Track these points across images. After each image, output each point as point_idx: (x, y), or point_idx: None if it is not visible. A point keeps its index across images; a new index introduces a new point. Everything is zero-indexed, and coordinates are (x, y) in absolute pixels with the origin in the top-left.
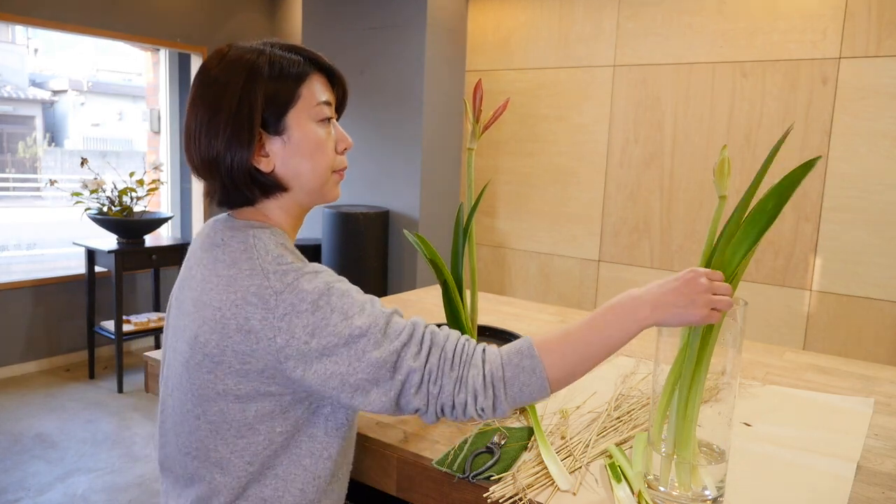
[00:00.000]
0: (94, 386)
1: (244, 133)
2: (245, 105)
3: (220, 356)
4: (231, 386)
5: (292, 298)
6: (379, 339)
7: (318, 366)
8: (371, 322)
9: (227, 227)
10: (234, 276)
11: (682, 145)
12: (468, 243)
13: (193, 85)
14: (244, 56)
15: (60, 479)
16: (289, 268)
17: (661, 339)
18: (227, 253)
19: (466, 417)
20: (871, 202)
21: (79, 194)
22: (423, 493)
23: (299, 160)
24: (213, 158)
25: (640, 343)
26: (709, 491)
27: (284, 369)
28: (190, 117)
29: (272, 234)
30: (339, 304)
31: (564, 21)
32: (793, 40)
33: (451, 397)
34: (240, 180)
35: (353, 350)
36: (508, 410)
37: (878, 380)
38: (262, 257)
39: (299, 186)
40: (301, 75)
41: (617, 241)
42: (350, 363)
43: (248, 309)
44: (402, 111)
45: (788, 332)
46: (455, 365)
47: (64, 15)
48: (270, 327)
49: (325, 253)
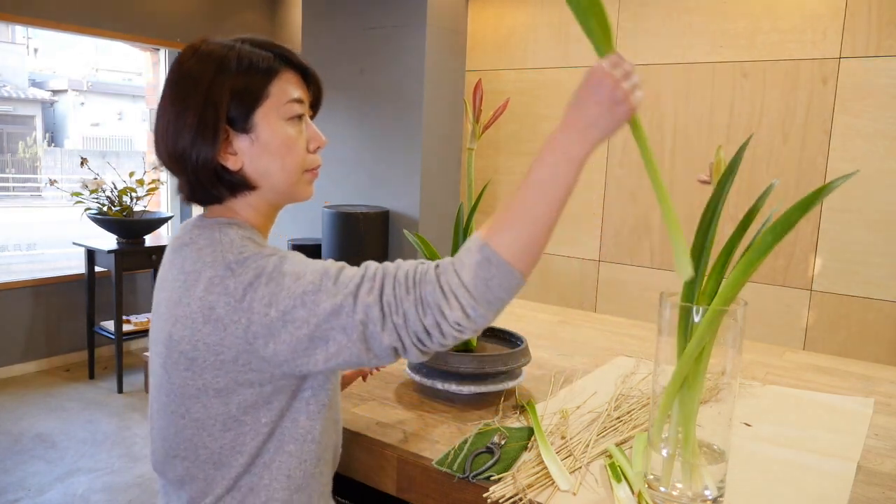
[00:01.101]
0: (94, 386)
1: (209, 130)
2: (210, 101)
3: (194, 352)
4: (209, 380)
5: (249, 277)
6: (331, 289)
7: (284, 334)
8: (322, 275)
9: (196, 225)
10: (199, 271)
11: (682, 145)
12: None
13: (166, 79)
14: (214, 51)
15: (60, 479)
16: (248, 252)
17: (661, 339)
18: (193, 250)
19: (448, 340)
20: (871, 202)
21: (79, 194)
22: (423, 493)
23: (268, 159)
24: (179, 154)
25: (640, 343)
26: (709, 491)
27: (255, 350)
28: (160, 112)
29: (239, 229)
30: (290, 270)
31: (564, 21)
32: (793, 40)
33: (419, 321)
34: (205, 178)
35: (310, 306)
36: (489, 314)
37: (878, 380)
38: (225, 249)
39: (268, 186)
40: (270, 71)
41: (617, 241)
42: (309, 319)
43: (212, 298)
44: (402, 111)
45: (788, 332)
46: (410, 288)
47: (64, 15)
48: (234, 311)
49: (325, 253)
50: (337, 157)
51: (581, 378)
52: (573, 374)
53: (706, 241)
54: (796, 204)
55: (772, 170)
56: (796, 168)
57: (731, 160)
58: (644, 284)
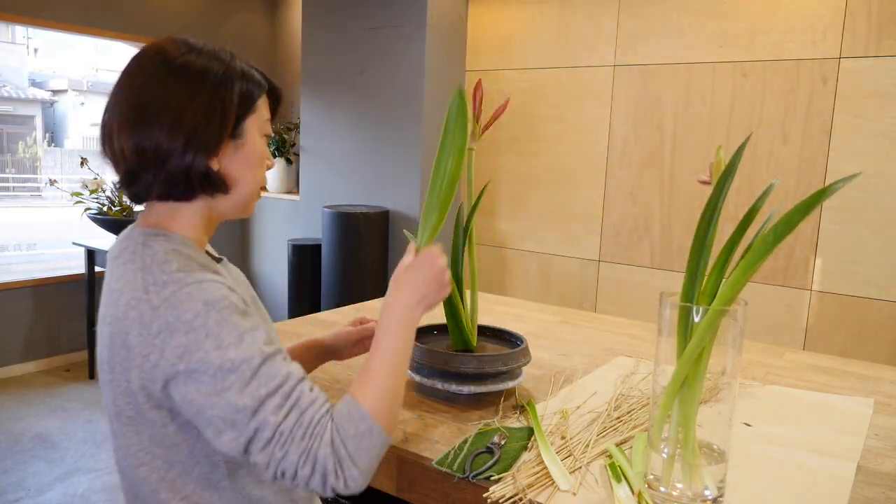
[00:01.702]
0: (94, 386)
1: (213, 130)
2: (219, 101)
3: (111, 373)
4: (122, 406)
5: (167, 316)
6: (247, 380)
7: (183, 388)
8: (244, 358)
9: (125, 236)
10: (121, 290)
11: (682, 145)
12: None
13: (136, 71)
14: (218, 52)
15: (60, 479)
16: (169, 279)
17: (661, 339)
18: (118, 265)
19: (309, 488)
20: (871, 202)
21: (79, 194)
22: (423, 493)
23: (243, 167)
24: (160, 150)
25: (640, 343)
26: (709, 491)
27: (154, 389)
28: (125, 103)
29: (166, 240)
30: (214, 329)
31: (564, 21)
32: (793, 40)
33: (295, 467)
34: (194, 175)
35: (218, 385)
36: (364, 483)
37: (878, 380)
38: (146, 268)
39: (235, 192)
40: (260, 86)
41: (617, 241)
42: (210, 397)
43: (127, 324)
44: (402, 111)
45: (788, 332)
46: (307, 435)
47: (64, 15)
48: (145, 344)
49: (325, 253)
50: (337, 157)
51: (581, 378)
52: (573, 374)
53: (706, 241)
54: (797, 205)
55: (772, 170)
56: (796, 168)
57: (730, 160)
58: (644, 284)
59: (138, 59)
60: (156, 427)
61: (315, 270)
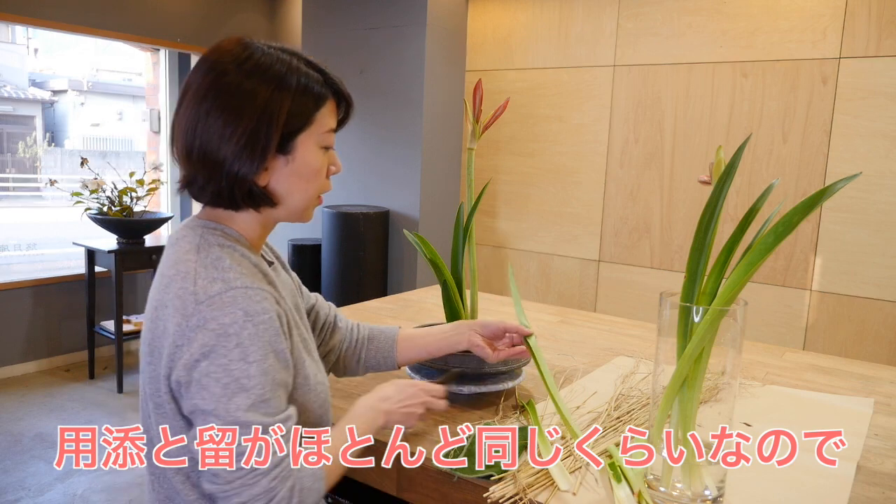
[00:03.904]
0: (94, 386)
1: (258, 148)
2: (265, 120)
3: (150, 356)
4: (151, 392)
5: (207, 313)
6: (256, 403)
7: (193, 389)
8: (260, 382)
9: (186, 225)
10: (172, 277)
11: (682, 145)
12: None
13: (206, 79)
14: (272, 65)
15: (60, 479)
16: (218, 276)
17: (660, 339)
18: (175, 252)
19: None
20: (871, 202)
21: (79, 194)
22: (423, 493)
23: (295, 181)
24: (214, 160)
25: (641, 343)
26: (709, 491)
27: (173, 378)
28: (192, 110)
29: (223, 236)
30: (246, 342)
31: (564, 21)
32: (793, 40)
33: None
34: (238, 190)
35: (228, 398)
36: None
37: (878, 380)
38: (200, 260)
39: (285, 205)
40: (320, 98)
41: (617, 241)
42: (217, 406)
43: (170, 311)
44: (402, 111)
45: (788, 332)
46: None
47: (64, 15)
48: (180, 334)
49: (325, 253)
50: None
51: (581, 378)
52: (573, 374)
53: (706, 241)
54: (797, 206)
55: (772, 170)
56: (796, 168)
57: (730, 160)
58: (644, 284)
59: (207, 57)
60: (174, 419)
61: (315, 270)
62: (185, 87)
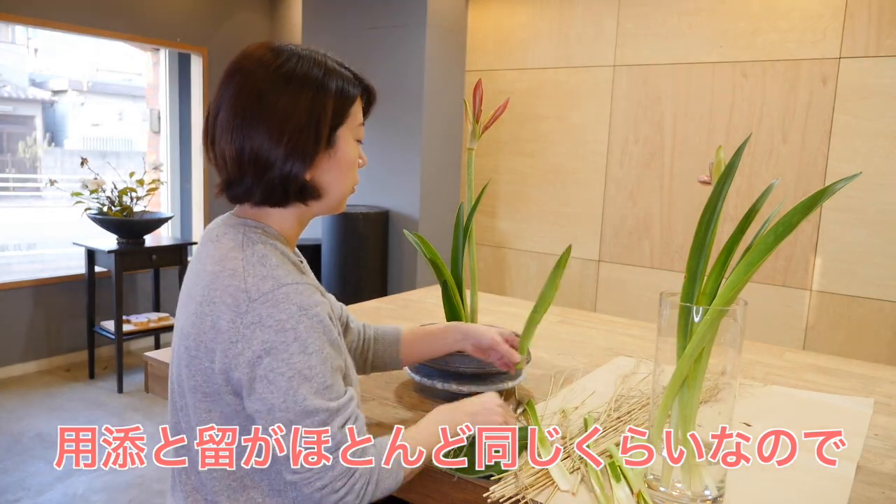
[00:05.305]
0: (94, 386)
1: (309, 148)
2: (313, 121)
3: (196, 350)
4: (200, 383)
5: (262, 310)
6: (320, 390)
7: (258, 385)
8: (321, 371)
9: (226, 223)
10: (218, 273)
11: (682, 145)
12: (468, 243)
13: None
14: (311, 70)
15: (60, 479)
16: (269, 274)
17: (660, 339)
18: (217, 249)
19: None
20: (871, 202)
21: (79, 194)
22: (423, 493)
23: (335, 174)
24: (266, 162)
25: (640, 343)
26: (709, 491)
27: (233, 376)
28: (238, 118)
29: (264, 234)
30: (304, 335)
31: (564, 21)
32: (793, 40)
33: (332, 481)
34: (291, 187)
35: (294, 389)
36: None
37: (878, 380)
38: (247, 257)
39: (328, 197)
40: (354, 94)
41: (617, 241)
42: (286, 398)
43: (222, 308)
44: (402, 111)
45: (788, 332)
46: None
47: (64, 15)
48: (235, 331)
49: (325, 253)
50: None
51: (581, 378)
52: (573, 374)
53: (706, 241)
54: (797, 206)
55: (772, 170)
56: (796, 168)
57: (730, 160)
58: (644, 284)
59: (240, 63)
60: (229, 407)
61: (315, 271)
62: (219, 95)
